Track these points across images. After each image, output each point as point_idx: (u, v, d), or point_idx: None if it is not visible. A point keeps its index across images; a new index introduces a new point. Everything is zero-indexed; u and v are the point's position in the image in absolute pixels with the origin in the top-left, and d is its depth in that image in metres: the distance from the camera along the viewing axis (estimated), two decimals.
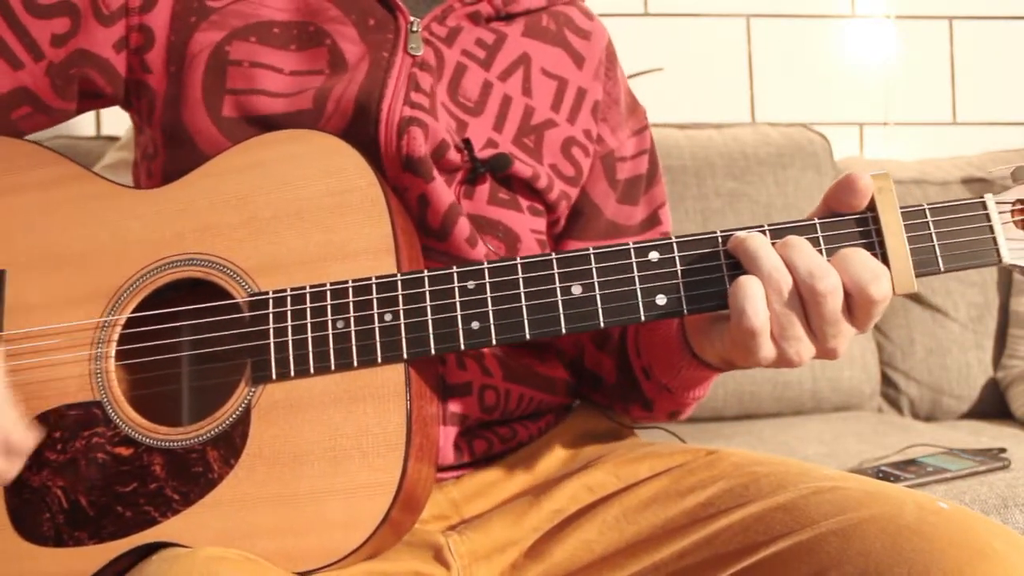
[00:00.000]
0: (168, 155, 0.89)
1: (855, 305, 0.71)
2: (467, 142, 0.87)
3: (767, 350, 0.71)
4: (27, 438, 0.76)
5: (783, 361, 0.72)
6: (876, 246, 0.73)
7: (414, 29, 0.88)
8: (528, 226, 0.93)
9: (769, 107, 2.20)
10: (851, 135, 2.23)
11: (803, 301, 0.70)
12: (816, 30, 2.22)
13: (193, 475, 0.74)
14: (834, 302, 0.69)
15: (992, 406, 1.88)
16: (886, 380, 1.91)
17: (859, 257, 0.71)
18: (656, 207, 1.04)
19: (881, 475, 1.29)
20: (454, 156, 0.86)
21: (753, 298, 0.70)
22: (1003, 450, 1.37)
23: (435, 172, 0.85)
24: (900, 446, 1.46)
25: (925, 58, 2.26)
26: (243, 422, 0.74)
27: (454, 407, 0.87)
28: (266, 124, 0.85)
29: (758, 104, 2.20)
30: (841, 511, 0.71)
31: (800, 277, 0.70)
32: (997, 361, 1.89)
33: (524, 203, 0.93)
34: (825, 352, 0.72)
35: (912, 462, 1.35)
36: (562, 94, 0.96)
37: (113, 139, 1.80)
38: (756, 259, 0.71)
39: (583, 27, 1.01)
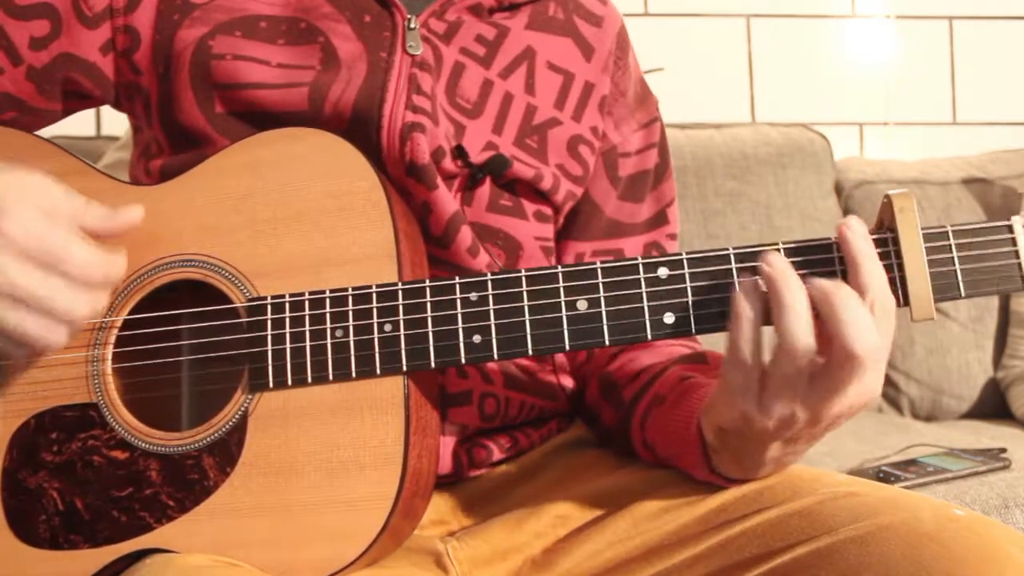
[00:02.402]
0: (172, 154, 0.88)
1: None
2: (460, 148, 0.85)
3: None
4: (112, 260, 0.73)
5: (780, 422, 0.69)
6: (895, 268, 0.70)
7: (411, 26, 0.86)
8: (532, 233, 0.91)
9: (769, 107, 2.20)
10: (851, 135, 2.23)
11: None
12: (816, 30, 2.22)
13: (188, 482, 0.73)
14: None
15: (992, 406, 1.88)
16: (886, 380, 1.90)
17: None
18: (664, 205, 1.00)
19: (882, 475, 1.29)
20: (449, 164, 0.85)
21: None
22: (1003, 450, 1.37)
23: (439, 180, 0.83)
24: (900, 446, 1.46)
25: (925, 58, 2.26)
26: (240, 430, 0.73)
27: (454, 416, 0.86)
28: (260, 119, 0.83)
29: (758, 104, 2.20)
30: (859, 518, 0.70)
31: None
32: (997, 361, 1.89)
33: (530, 209, 0.91)
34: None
35: (912, 462, 1.36)
36: (567, 90, 0.93)
37: (113, 139, 1.80)
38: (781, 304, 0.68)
39: (595, 12, 0.97)
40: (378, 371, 0.73)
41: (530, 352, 0.73)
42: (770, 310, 0.68)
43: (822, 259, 0.71)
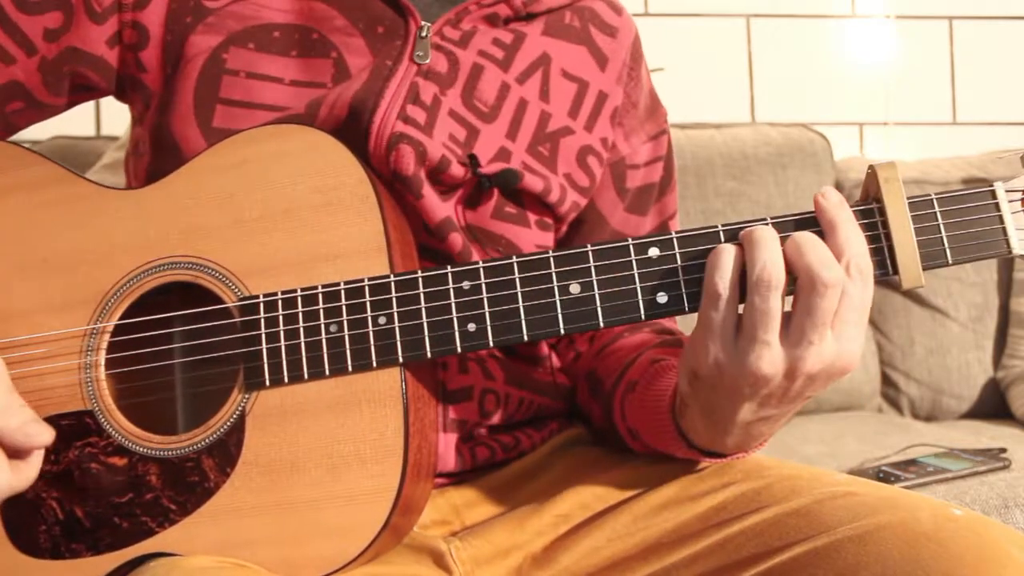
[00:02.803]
0: (154, 158, 0.88)
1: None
2: (472, 157, 0.85)
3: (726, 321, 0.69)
4: (38, 433, 0.72)
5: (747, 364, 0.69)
6: (882, 238, 0.71)
7: (423, 35, 0.86)
8: (533, 241, 0.91)
9: (769, 107, 2.20)
10: (851, 135, 2.23)
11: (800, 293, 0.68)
12: (816, 30, 2.22)
13: (189, 484, 0.73)
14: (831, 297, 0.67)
15: (992, 406, 1.88)
16: (886, 380, 1.91)
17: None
18: (666, 218, 1.01)
19: (882, 475, 1.29)
20: (457, 171, 0.84)
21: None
22: (1003, 450, 1.37)
23: (424, 190, 0.83)
24: (900, 446, 1.46)
25: (925, 58, 2.26)
26: (238, 429, 0.73)
27: (454, 412, 0.86)
28: None
29: (758, 104, 2.20)
30: (857, 517, 0.70)
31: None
32: (997, 361, 1.89)
33: (532, 218, 0.90)
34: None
35: (912, 462, 1.36)
36: (581, 99, 0.93)
37: (113, 139, 1.80)
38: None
39: (610, 23, 0.97)
40: (374, 364, 0.73)
41: (525, 337, 0.73)
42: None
43: (815, 232, 0.71)
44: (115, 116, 0.99)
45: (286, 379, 0.74)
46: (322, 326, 0.74)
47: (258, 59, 0.85)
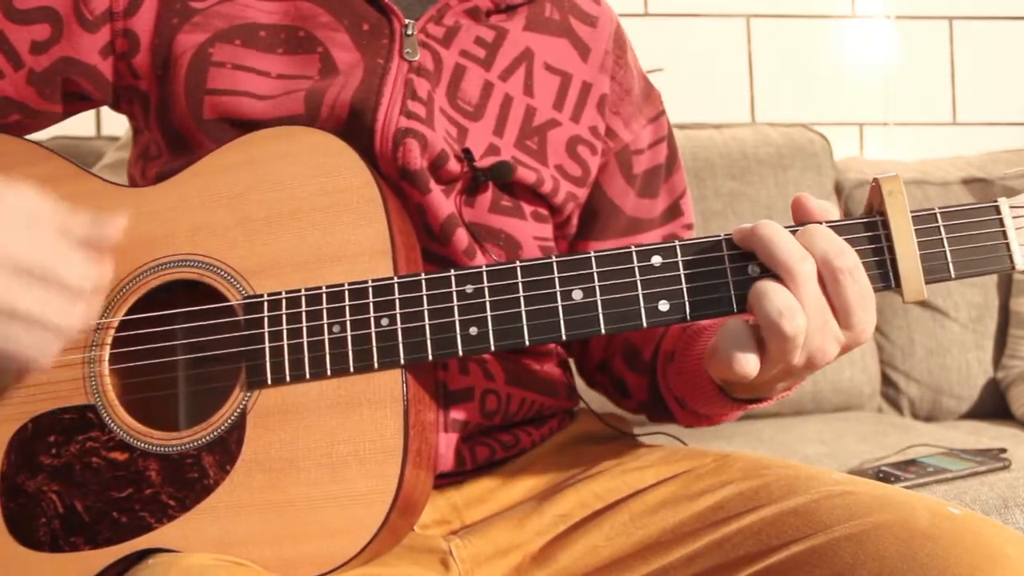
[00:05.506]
0: (170, 158, 0.88)
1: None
2: (467, 152, 0.85)
3: (800, 355, 0.70)
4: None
5: (811, 363, 0.71)
6: (885, 251, 0.71)
7: (408, 33, 0.87)
8: (531, 233, 0.91)
9: (769, 107, 2.20)
10: (851, 135, 2.23)
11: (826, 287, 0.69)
12: (816, 30, 2.22)
13: (188, 481, 0.74)
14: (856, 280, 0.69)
15: (992, 406, 1.88)
16: (886, 380, 1.91)
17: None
18: (677, 197, 1.02)
19: (881, 475, 1.29)
20: (454, 166, 0.85)
21: (790, 308, 0.68)
22: (1003, 450, 1.36)
23: (431, 184, 0.84)
24: (900, 446, 1.46)
25: (925, 58, 2.26)
26: (239, 427, 0.74)
27: (455, 413, 0.86)
28: (250, 127, 0.83)
29: (758, 104, 2.20)
30: (854, 516, 0.70)
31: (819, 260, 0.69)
32: (997, 361, 1.89)
33: (528, 209, 0.91)
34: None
35: (912, 462, 1.35)
36: (565, 91, 0.94)
37: (113, 139, 1.80)
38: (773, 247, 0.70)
39: (589, 12, 0.98)
40: (376, 365, 0.73)
41: (527, 343, 0.73)
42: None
43: None
44: (115, 116, 0.99)
45: (288, 378, 0.74)
46: (325, 326, 0.74)
47: (244, 53, 0.86)
